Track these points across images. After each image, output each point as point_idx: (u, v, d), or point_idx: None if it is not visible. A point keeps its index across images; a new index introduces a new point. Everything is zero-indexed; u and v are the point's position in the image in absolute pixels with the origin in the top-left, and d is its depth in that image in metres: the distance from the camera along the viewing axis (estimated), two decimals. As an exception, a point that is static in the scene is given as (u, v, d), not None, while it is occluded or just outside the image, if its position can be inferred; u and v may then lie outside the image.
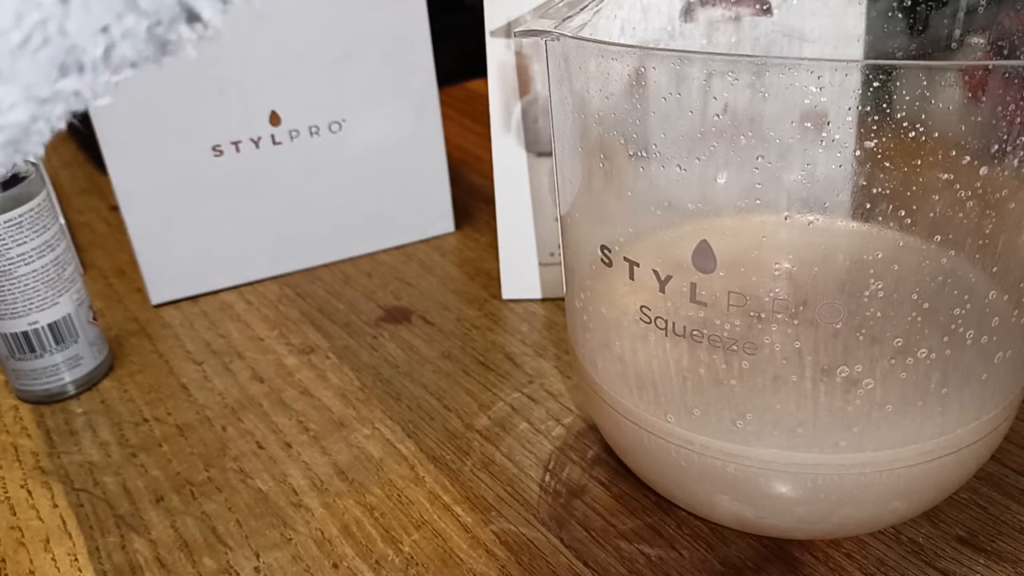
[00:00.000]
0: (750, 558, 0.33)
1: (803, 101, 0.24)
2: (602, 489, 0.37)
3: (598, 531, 0.35)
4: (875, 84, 0.24)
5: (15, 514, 0.38)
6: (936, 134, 0.25)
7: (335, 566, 0.34)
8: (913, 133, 0.25)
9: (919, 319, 0.27)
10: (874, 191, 0.26)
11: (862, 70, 0.24)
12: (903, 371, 0.27)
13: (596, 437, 0.40)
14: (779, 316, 0.27)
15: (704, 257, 0.27)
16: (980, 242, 0.26)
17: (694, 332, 0.28)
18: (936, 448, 0.29)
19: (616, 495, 0.37)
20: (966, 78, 0.24)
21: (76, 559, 0.36)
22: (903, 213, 0.26)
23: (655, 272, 0.29)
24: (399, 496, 0.37)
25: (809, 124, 0.25)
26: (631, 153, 0.29)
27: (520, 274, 0.51)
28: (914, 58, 0.35)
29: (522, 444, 0.40)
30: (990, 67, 0.25)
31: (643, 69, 0.27)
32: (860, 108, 0.24)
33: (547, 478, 0.38)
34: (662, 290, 0.29)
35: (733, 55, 0.23)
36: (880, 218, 0.26)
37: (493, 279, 0.53)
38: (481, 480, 0.38)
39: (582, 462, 0.39)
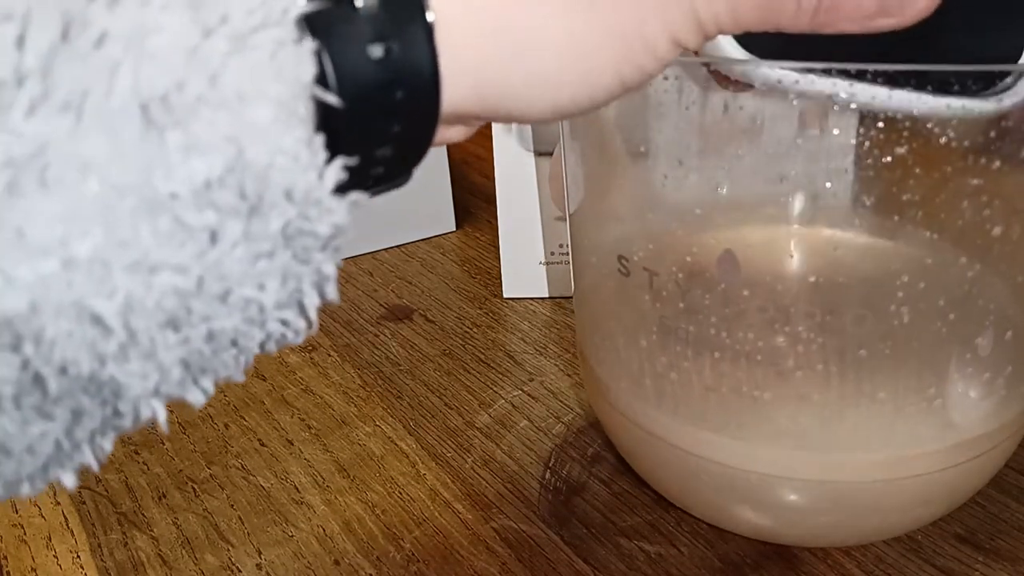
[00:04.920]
0: (749, 555, 0.33)
1: (830, 108, 0.24)
2: (602, 486, 0.37)
3: (598, 528, 0.35)
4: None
5: (17, 511, 0.38)
6: (966, 142, 0.25)
7: (336, 563, 0.34)
8: (944, 140, 0.24)
9: (944, 329, 0.26)
10: (903, 199, 0.25)
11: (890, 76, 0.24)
12: (927, 380, 0.27)
13: (596, 435, 0.40)
14: (803, 326, 0.27)
15: (728, 266, 0.27)
16: (1004, 250, 0.26)
17: (716, 343, 0.28)
18: (958, 454, 0.29)
19: (616, 492, 0.37)
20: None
21: (78, 556, 0.36)
22: (930, 223, 0.26)
23: (676, 282, 0.28)
24: (400, 493, 0.38)
25: (837, 131, 0.25)
26: (649, 160, 0.29)
27: (521, 273, 0.51)
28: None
29: (523, 441, 0.40)
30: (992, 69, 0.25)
31: (674, 78, 0.27)
32: (889, 114, 0.24)
33: (547, 475, 0.38)
34: (683, 300, 0.28)
35: (758, 60, 0.23)
36: (908, 227, 0.26)
37: (494, 278, 0.53)
38: (482, 477, 0.38)
39: (582, 459, 0.39)
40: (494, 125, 0.47)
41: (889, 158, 0.25)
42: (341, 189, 0.18)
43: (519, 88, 0.20)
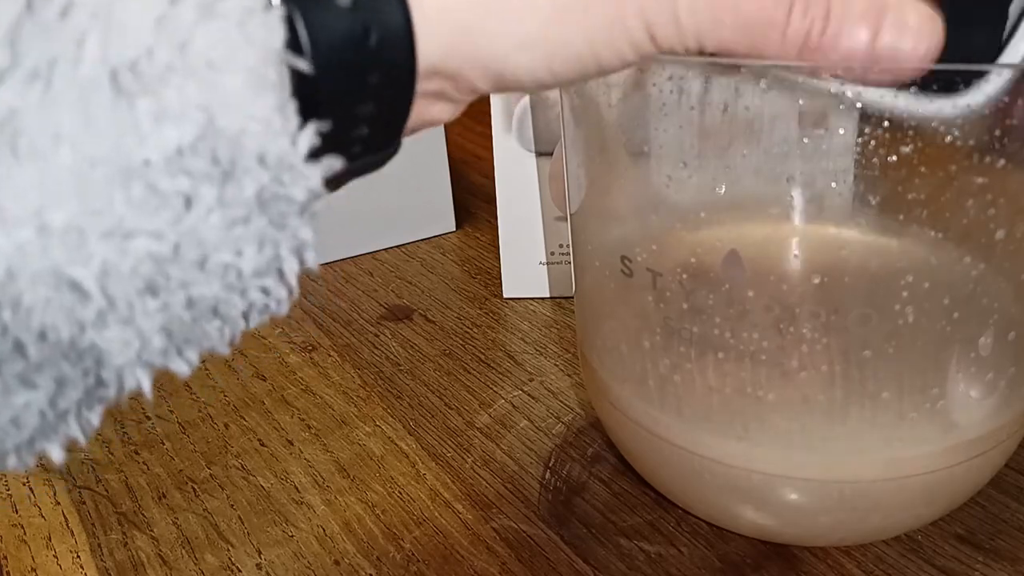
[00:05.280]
0: (749, 555, 0.33)
1: (837, 107, 0.24)
2: (602, 486, 0.37)
3: (598, 528, 0.35)
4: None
5: (17, 511, 0.38)
6: (971, 141, 0.25)
7: (336, 563, 0.34)
8: (948, 138, 0.24)
9: (948, 329, 0.26)
10: (908, 198, 0.25)
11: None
12: (930, 380, 0.27)
13: (596, 435, 0.40)
14: (808, 326, 0.27)
15: (733, 266, 0.27)
16: (1008, 249, 0.26)
17: (720, 343, 0.28)
18: (959, 454, 0.29)
19: (616, 492, 0.37)
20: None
21: (78, 556, 0.36)
22: (935, 221, 0.26)
23: (680, 283, 0.28)
24: (400, 493, 0.38)
25: (841, 130, 0.25)
26: (652, 160, 0.29)
27: (521, 273, 0.51)
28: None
29: (523, 441, 0.40)
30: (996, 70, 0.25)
31: (670, 77, 0.27)
32: (892, 113, 0.24)
33: (547, 475, 0.38)
34: (686, 301, 0.28)
35: (762, 63, 0.23)
36: (912, 226, 0.26)
37: (494, 278, 0.53)
38: (482, 477, 0.38)
39: (582, 459, 0.39)
40: (494, 125, 0.47)
41: (894, 157, 0.25)
42: (320, 154, 0.18)
43: (493, 41, 0.19)
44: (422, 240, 0.58)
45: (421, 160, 0.56)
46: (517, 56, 0.20)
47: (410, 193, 0.57)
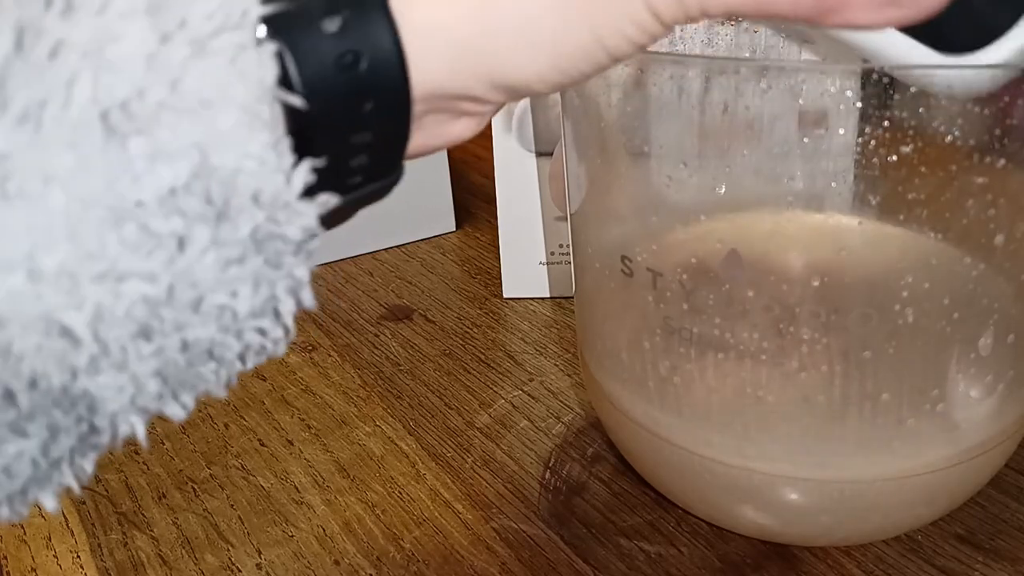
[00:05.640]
0: (749, 555, 0.33)
1: (838, 107, 0.24)
2: (602, 486, 0.37)
3: (598, 528, 0.35)
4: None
5: (18, 511, 0.38)
6: (972, 140, 0.25)
7: (336, 563, 0.34)
8: (949, 138, 0.24)
9: (948, 329, 0.26)
10: (908, 198, 0.25)
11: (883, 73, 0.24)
12: (931, 381, 0.27)
13: (596, 435, 0.40)
14: (808, 326, 0.27)
15: (733, 266, 0.27)
16: (1009, 249, 0.26)
17: (720, 343, 0.28)
18: (958, 454, 0.29)
19: (616, 492, 0.37)
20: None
21: (78, 556, 0.36)
22: (934, 220, 0.26)
23: (681, 283, 0.28)
24: (400, 493, 0.38)
25: (842, 130, 0.25)
26: (652, 160, 0.29)
27: (521, 273, 0.51)
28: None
29: (523, 441, 0.40)
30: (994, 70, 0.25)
31: (669, 76, 0.26)
32: (892, 113, 0.24)
33: (547, 475, 0.38)
34: (687, 301, 0.28)
35: (761, 61, 0.23)
36: (912, 226, 0.26)
37: (494, 278, 0.53)
38: (482, 477, 0.38)
39: (582, 459, 0.39)
40: (494, 125, 0.47)
41: (894, 157, 0.25)
42: (316, 190, 0.17)
43: (494, 53, 0.19)
44: (422, 240, 0.58)
45: (421, 160, 0.56)
46: (522, 64, 0.19)
47: (410, 193, 0.56)
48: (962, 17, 0.21)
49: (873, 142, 0.25)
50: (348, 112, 0.18)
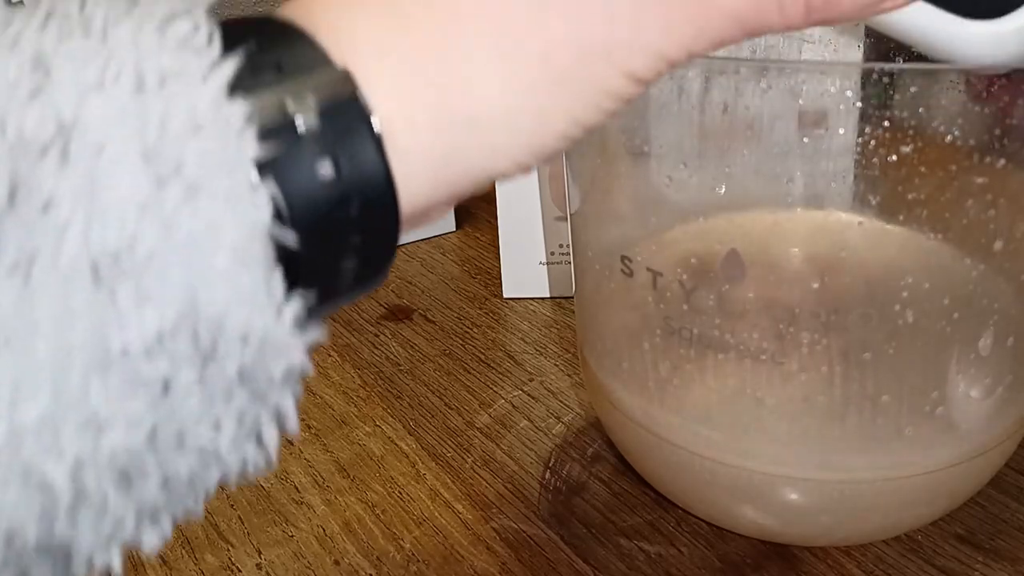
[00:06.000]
0: (749, 555, 0.33)
1: (838, 107, 0.24)
2: (602, 486, 0.37)
3: (598, 528, 0.35)
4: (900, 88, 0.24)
5: (18, 511, 0.38)
6: (972, 140, 0.25)
7: (336, 563, 0.34)
8: (949, 138, 0.24)
9: (948, 330, 0.26)
10: (908, 199, 0.25)
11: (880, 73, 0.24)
12: (931, 381, 0.27)
13: (596, 435, 0.40)
14: (808, 326, 0.27)
15: (733, 266, 0.27)
16: (1009, 249, 0.26)
17: (720, 343, 0.28)
18: (958, 454, 0.29)
19: (616, 492, 0.37)
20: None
21: (78, 555, 0.36)
22: (934, 221, 0.26)
23: (680, 283, 0.28)
24: (400, 493, 0.38)
25: (842, 130, 0.25)
26: (652, 160, 0.29)
27: (521, 273, 0.51)
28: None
29: (523, 441, 0.40)
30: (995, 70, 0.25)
31: (679, 77, 0.26)
32: (892, 113, 0.24)
33: (547, 475, 0.38)
34: (687, 301, 0.28)
35: (761, 61, 0.23)
36: (912, 226, 0.26)
37: (494, 277, 0.53)
38: (482, 477, 0.38)
39: (582, 459, 0.39)
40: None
41: (894, 157, 0.25)
42: (305, 314, 0.17)
43: (474, 162, 0.19)
44: (422, 240, 0.58)
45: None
46: (499, 162, 0.19)
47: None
48: None
49: (873, 142, 0.25)
50: (336, 245, 0.18)
